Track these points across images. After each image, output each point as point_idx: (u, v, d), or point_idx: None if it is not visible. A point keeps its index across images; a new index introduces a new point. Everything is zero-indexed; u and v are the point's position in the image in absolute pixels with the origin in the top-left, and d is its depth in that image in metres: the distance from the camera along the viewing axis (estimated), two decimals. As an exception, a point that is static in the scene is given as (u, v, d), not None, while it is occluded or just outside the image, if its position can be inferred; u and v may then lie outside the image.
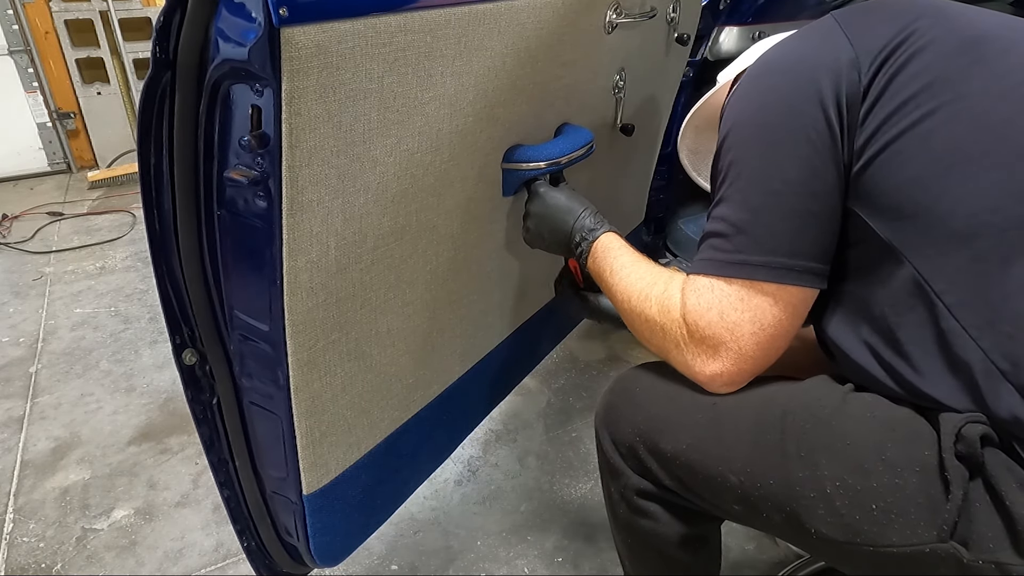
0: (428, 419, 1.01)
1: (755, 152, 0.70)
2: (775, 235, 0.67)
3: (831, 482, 0.63)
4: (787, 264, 0.67)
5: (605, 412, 0.85)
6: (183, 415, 1.67)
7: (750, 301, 0.68)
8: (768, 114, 0.70)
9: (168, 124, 0.65)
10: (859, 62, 0.66)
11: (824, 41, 0.70)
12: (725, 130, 0.73)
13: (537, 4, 0.84)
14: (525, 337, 1.23)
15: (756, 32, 1.59)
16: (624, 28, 1.07)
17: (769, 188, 0.68)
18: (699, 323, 0.70)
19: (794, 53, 0.72)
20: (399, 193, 0.76)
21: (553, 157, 0.95)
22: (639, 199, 1.62)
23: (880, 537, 0.60)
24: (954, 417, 0.59)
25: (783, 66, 0.72)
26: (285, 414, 0.77)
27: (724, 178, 0.72)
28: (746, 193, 0.69)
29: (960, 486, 0.56)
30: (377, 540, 1.32)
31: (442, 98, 0.76)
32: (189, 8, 0.59)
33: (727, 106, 0.76)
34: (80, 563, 1.29)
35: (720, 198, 0.72)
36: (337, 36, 0.60)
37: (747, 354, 0.69)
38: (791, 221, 0.67)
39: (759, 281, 0.68)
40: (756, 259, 0.67)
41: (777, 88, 0.70)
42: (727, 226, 0.70)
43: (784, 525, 0.67)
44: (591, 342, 1.99)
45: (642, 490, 0.81)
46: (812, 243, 0.67)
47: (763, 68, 0.74)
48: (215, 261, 0.72)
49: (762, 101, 0.71)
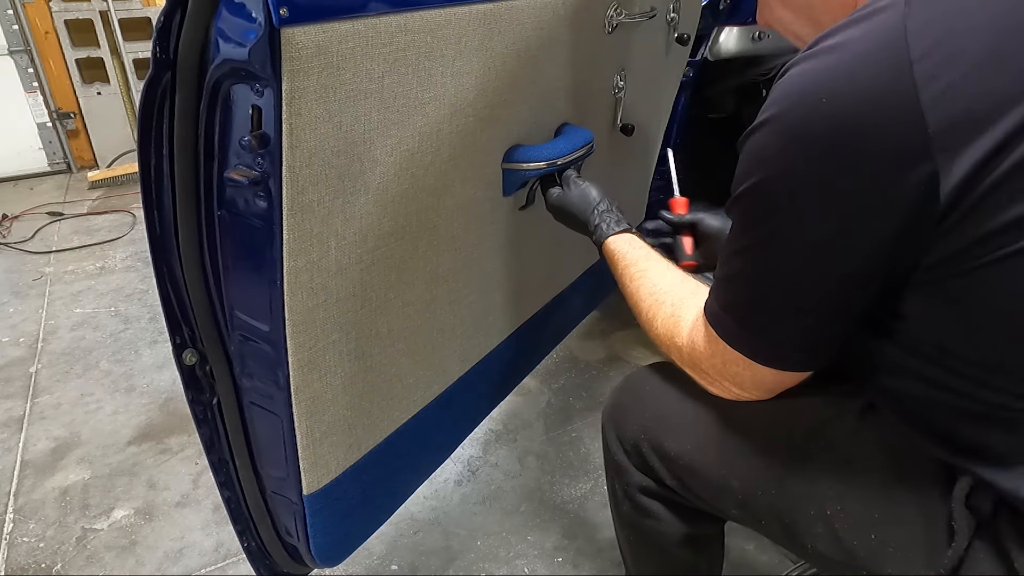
0: (428, 419, 1.01)
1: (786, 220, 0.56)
2: (784, 329, 0.61)
3: (832, 504, 0.62)
4: (792, 357, 0.62)
5: (612, 409, 0.86)
6: (183, 415, 1.67)
7: (752, 366, 0.64)
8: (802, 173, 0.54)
9: (168, 124, 0.65)
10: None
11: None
12: (745, 176, 0.58)
13: (537, 4, 0.84)
14: (525, 337, 1.23)
15: (756, 32, 1.59)
16: (624, 28, 1.07)
17: (781, 280, 0.59)
18: (702, 363, 0.69)
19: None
20: (399, 193, 0.76)
21: (553, 157, 0.95)
22: (639, 199, 1.62)
23: (876, 566, 0.60)
24: (968, 479, 0.57)
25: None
26: (285, 414, 0.77)
27: (748, 222, 0.60)
28: (763, 267, 0.59)
29: (965, 536, 0.55)
30: (377, 540, 1.32)
31: (442, 98, 0.76)
32: (189, 8, 0.59)
33: (752, 131, 0.57)
34: (80, 563, 1.29)
35: (738, 247, 0.61)
36: (337, 36, 0.60)
37: (747, 392, 0.68)
38: (805, 317, 0.59)
39: (760, 363, 0.63)
40: (763, 347, 0.62)
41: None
42: (741, 293, 0.62)
43: (781, 534, 0.68)
44: (591, 342, 1.99)
45: (645, 487, 0.81)
46: (826, 339, 0.61)
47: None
48: (215, 261, 0.72)
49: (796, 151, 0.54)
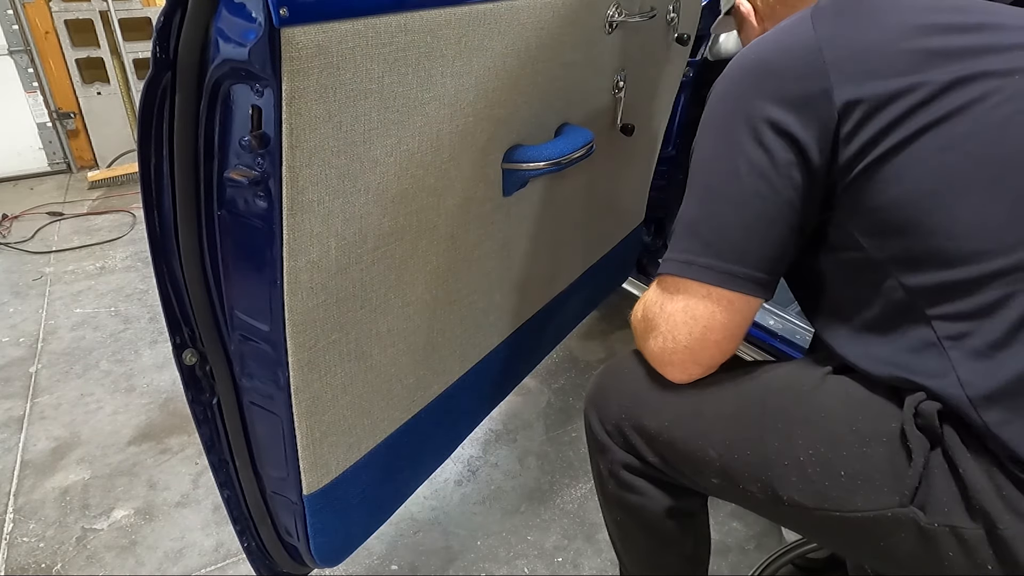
0: (428, 419, 1.01)
1: (714, 152, 0.71)
2: (725, 239, 0.69)
3: (804, 451, 0.67)
4: (730, 271, 0.69)
5: (594, 393, 0.89)
6: (183, 415, 1.67)
7: (688, 294, 0.72)
8: (727, 115, 0.71)
9: (168, 124, 0.65)
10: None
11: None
12: (704, 116, 0.74)
13: (537, 4, 0.84)
14: (525, 337, 1.23)
15: (756, 32, 1.59)
16: (624, 28, 1.07)
17: (724, 191, 0.69)
18: (645, 309, 0.78)
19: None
20: (399, 193, 0.76)
21: (553, 157, 0.95)
22: (639, 199, 1.62)
23: (847, 503, 0.64)
24: (916, 396, 0.63)
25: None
26: (285, 414, 0.77)
27: (692, 165, 0.74)
28: (703, 191, 0.72)
29: (921, 454, 0.60)
30: (377, 540, 1.32)
31: (442, 98, 0.76)
32: (189, 8, 0.59)
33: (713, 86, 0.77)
34: (80, 563, 1.29)
35: (687, 186, 0.74)
36: (337, 36, 0.60)
37: (681, 342, 0.73)
38: (742, 230, 0.69)
39: (700, 282, 0.71)
40: (702, 261, 0.70)
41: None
42: (683, 225, 0.73)
43: (760, 495, 0.71)
44: (591, 342, 1.99)
45: (628, 464, 0.84)
46: (760, 252, 0.69)
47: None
48: (215, 261, 0.72)
49: (730, 93, 0.71)
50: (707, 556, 0.96)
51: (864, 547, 0.66)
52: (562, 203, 1.17)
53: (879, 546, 0.64)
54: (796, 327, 1.46)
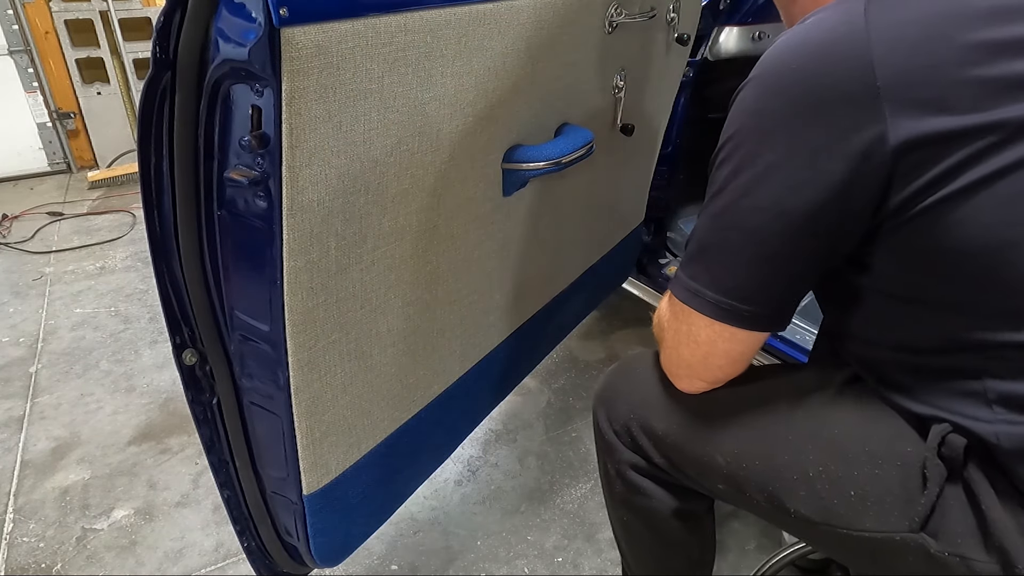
0: (428, 419, 1.01)
1: (734, 172, 0.64)
2: (733, 276, 0.65)
3: (814, 467, 0.66)
4: (735, 308, 0.65)
5: (603, 392, 0.89)
6: (183, 415, 1.67)
7: (691, 321, 0.69)
8: (754, 134, 0.62)
9: (168, 124, 0.65)
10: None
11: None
12: (726, 130, 0.66)
13: (537, 4, 0.84)
14: (525, 337, 1.23)
15: (756, 32, 1.59)
16: (624, 28, 1.07)
17: (740, 222, 0.63)
18: (657, 319, 0.78)
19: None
20: (399, 193, 0.76)
21: (553, 157, 0.95)
22: (639, 199, 1.62)
23: (855, 521, 0.63)
24: (942, 427, 0.60)
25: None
26: (285, 414, 0.77)
27: (711, 175, 0.68)
28: (720, 211, 0.65)
29: (937, 483, 0.58)
30: (377, 540, 1.32)
31: (442, 98, 0.76)
32: (189, 8, 0.59)
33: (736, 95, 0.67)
34: (80, 563, 1.29)
35: (705, 202, 0.69)
36: (337, 36, 0.60)
37: (684, 360, 0.73)
38: (754, 266, 0.64)
39: (703, 314, 0.67)
40: (708, 295, 0.66)
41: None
42: (695, 243, 0.68)
43: (766, 504, 0.71)
44: (591, 342, 1.99)
45: (635, 465, 0.84)
46: (770, 292, 0.65)
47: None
48: (215, 261, 0.72)
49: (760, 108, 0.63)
50: (712, 559, 0.96)
51: (869, 564, 0.65)
52: (562, 203, 1.17)
53: (885, 565, 0.63)
54: (797, 327, 1.46)
